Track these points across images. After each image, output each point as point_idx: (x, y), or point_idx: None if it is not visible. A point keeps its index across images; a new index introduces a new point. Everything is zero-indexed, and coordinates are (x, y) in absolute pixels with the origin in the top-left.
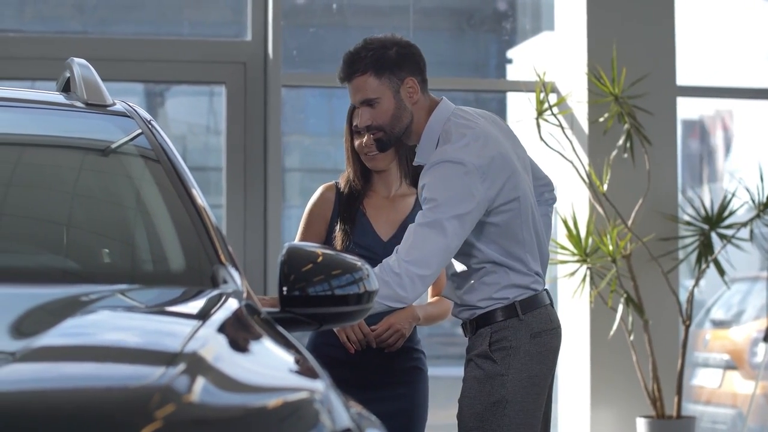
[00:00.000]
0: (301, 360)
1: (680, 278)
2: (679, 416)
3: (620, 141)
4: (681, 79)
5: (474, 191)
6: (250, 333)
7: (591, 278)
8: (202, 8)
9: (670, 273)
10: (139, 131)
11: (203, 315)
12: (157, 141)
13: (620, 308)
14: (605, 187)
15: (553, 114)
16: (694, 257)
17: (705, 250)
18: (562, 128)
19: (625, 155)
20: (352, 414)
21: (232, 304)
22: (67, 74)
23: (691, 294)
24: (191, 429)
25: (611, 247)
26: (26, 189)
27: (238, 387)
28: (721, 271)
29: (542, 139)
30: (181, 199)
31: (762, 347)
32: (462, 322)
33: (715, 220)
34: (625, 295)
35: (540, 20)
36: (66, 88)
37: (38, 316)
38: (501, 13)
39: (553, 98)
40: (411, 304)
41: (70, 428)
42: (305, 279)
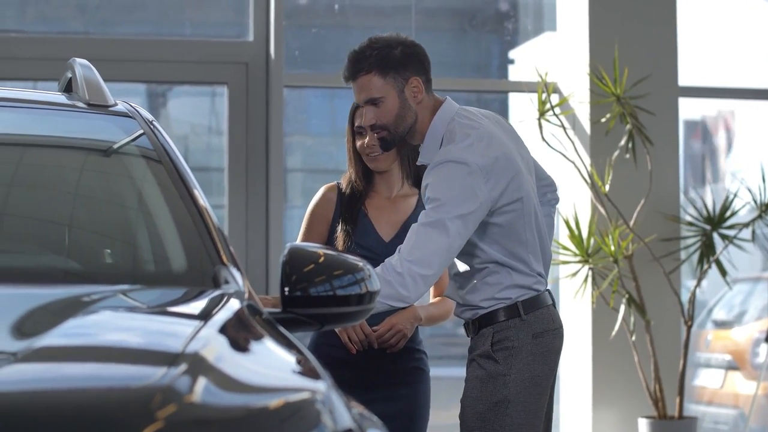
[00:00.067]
0: (303, 360)
1: (682, 279)
2: (681, 417)
3: (622, 141)
4: (683, 80)
5: (477, 191)
6: (252, 333)
7: (593, 279)
8: (204, 9)
9: (672, 273)
10: (141, 132)
11: (205, 315)
12: (159, 141)
13: (622, 309)
14: (607, 188)
15: (555, 114)
16: (696, 258)
17: (707, 251)
18: (564, 129)
19: (627, 156)
20: (354, 414)
21: (234, 305)
22: (69, 75)
23: (693, 294)
24: (193, 429)
25: (613, 248)
26: (28, 189)
27: (240, 387)
28: (723, 272)
29: (544, 140)
30: (183, 200)
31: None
32: (464, 322)
33: (717, 221)
34: (627, 296)
35: (542, 21)
36: (68, 89)
37: (40, 317)
38: (503, 14)
39: (555, 99)
40: (413, 305)
41: (72, 428)
42: (307, 279)
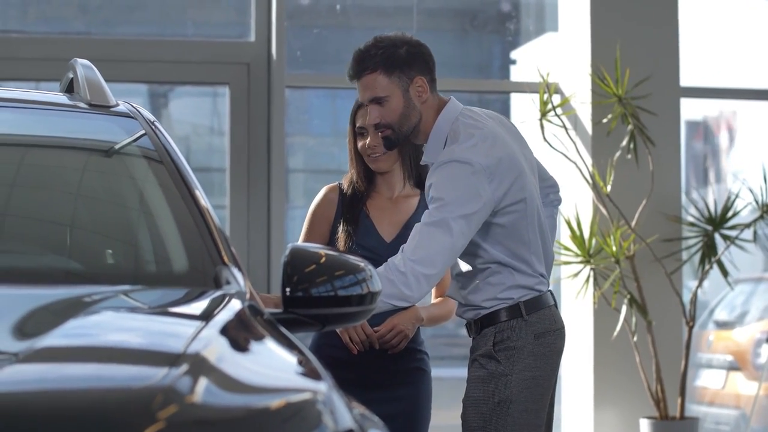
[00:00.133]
0: (304, 361)
1: (684, 279)
2: (683, 417)
3: (624, 142)
4: (684, 80)
5: (481, 191)
6: (253, 334)
7: (594, 279)
8: (206, 9)
9: (674, 274)
10: (143, 132)
11: (206, 316)
12: (160, 142)
13: (623, 309)
14: (609, 188)
15: (557, 115)
16: (698, 258)
17: (708, 251)
18: (566, 129)
19: (629, 156)
20: (355, 415)
21: (235, 305)
22: (71, 75)
23: (695, 295)
24: (194, 430)
25: (615, 248)
26: (29, 190)
27: (241, 388)
28: (725, 272)
29: (546, 140)
30: (184, 200)
31: (765, 348)
32: (466, 322)
33: (719, 221)
34: (629, 296)
35: (543, 21)
36: (69, 89)
37: (41, 317)
38: (505, 14)
39: (557, 99)
40: (414, 305)
41: (73, 429)
42: (308, 280)
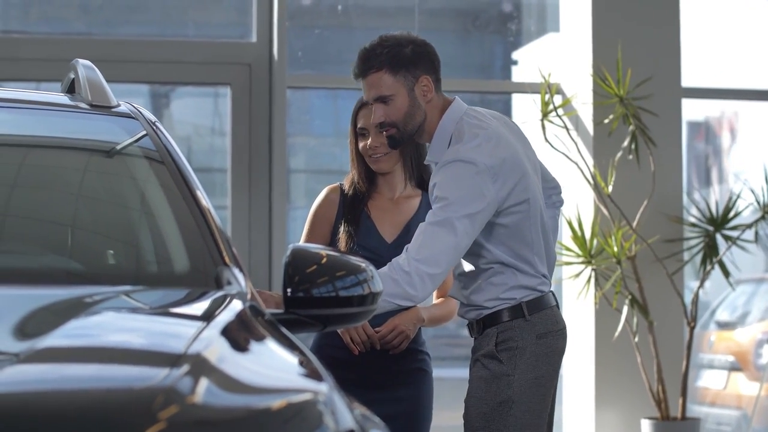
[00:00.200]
0: (305, 361)
1: (685, 280)
2: (684, 418)
3: (625, 142)
4: (686, 81)
5: (485, 191)
6: (254, 334)
7: (596, 279)
8: (207, 9)
9: (675, 274)
10: (144, 133)
11: (207, 316)
12: (162, 142)
13: (625, 309)
14: (610, 189)
15: (558, 115)
16: (699, 259)
17: (710, 252)
18: (567, 130)
19: (630, 157)
20: (356, 415)
21: (236, 306)
22: (72, 75)
23: (696, 295)
24: (195, 430)
25: (616, 249)
26: (30, 190)
27: (242, 388)
28: (726, 273)
29: (547, 141)
30: (186, 201)
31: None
32: (468, 323)
33: (720, 222)
34: (630, 297)
35: (545, 22)
36: (71, 90)
37: (42, 317)
38: (506, 15)
39: (558, 100)
40: (416, 306)
41: (74, 429)
42: (309, 280)
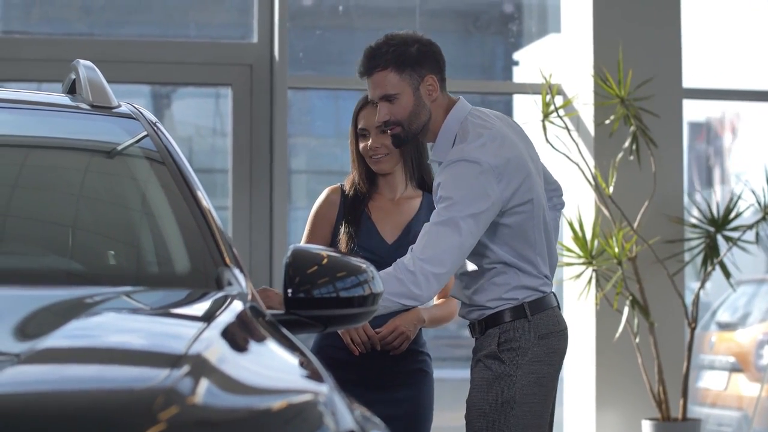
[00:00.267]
0: (306, 362)
1: (686, 280)
2: (685, 418)
3: (626, 143)
4: (687, 82)
5: (489, 191)
6: (255, 335)
7: (597, 280)
8: (209, 10)
9: (676, 275)
10: (144, 133)
11: (208, 317)
12: (162, 143)
13: (626, 310)
14: (611, 190)
15: (559, 116)
16: (700, 259)
17: (711, 253)
18: (568, 130)
19: (631, 157)
20: (356, 416)
21: (237, 307)
22: (73, 76)
23: (697, 296)
24: (195, 431)
25: (617, 250)
26: (32, 191)
27: (242, 389)
28: (727, 274)
29: (548, 141)
30: (186, 201)
31: None
32: (469, 323)
33: (721, 223)
34: (631, 298)
35: (546, 22)
36: (72, 90)
37: (43, 318)
38: (507, 16)
39: (559, 100)
40: (416, 307)
41: (75, 430)
42: (310, 281)
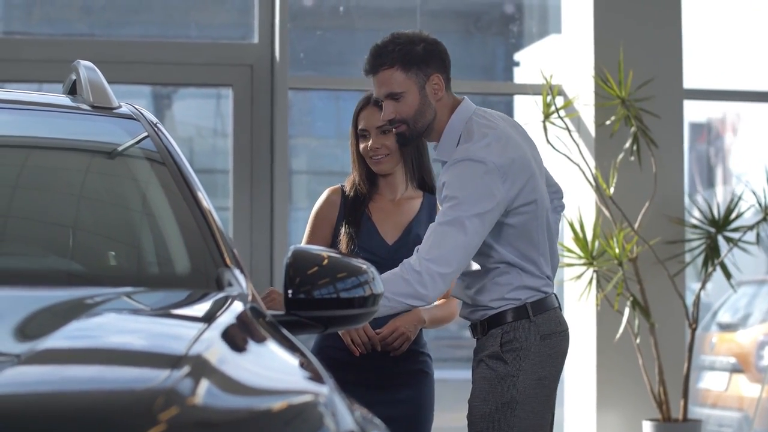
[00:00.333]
0: (306, 363)
1: (687, 281)
2: (685, 419)
3: (627, 144)
4: (688, 82)
5: (494, 190)
6: (255, 336)
7: (597, 281)
8: (209, 11)
9: (677, 276)
10: (145, 134)
11: (208, 318)
12: (163, 144)
13: (626, 311)
14: (612, 190)
15: (560, 117)
16: (701, 260)
17: (711, 253)
18: (569, 131)
19: (632, 158)
20: (357, 417)
21: (237, 307)
22: (74, 77)
23: (698, 297)
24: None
25: (618, 250)
26: (32, 191)
27: (243, 390)
28: (728, 275)
29: (549, 142)
30: (187, 202)
31: None
32: (471, 323)
33: (722, 223)
34: (632, 298)
35: (547, 23)
36: (72, 91)
37: (43, 319)
38: (508, 16)
39: (560, 101)
40: (417, 307)
41: (75, 430)
42: (310, 282)
